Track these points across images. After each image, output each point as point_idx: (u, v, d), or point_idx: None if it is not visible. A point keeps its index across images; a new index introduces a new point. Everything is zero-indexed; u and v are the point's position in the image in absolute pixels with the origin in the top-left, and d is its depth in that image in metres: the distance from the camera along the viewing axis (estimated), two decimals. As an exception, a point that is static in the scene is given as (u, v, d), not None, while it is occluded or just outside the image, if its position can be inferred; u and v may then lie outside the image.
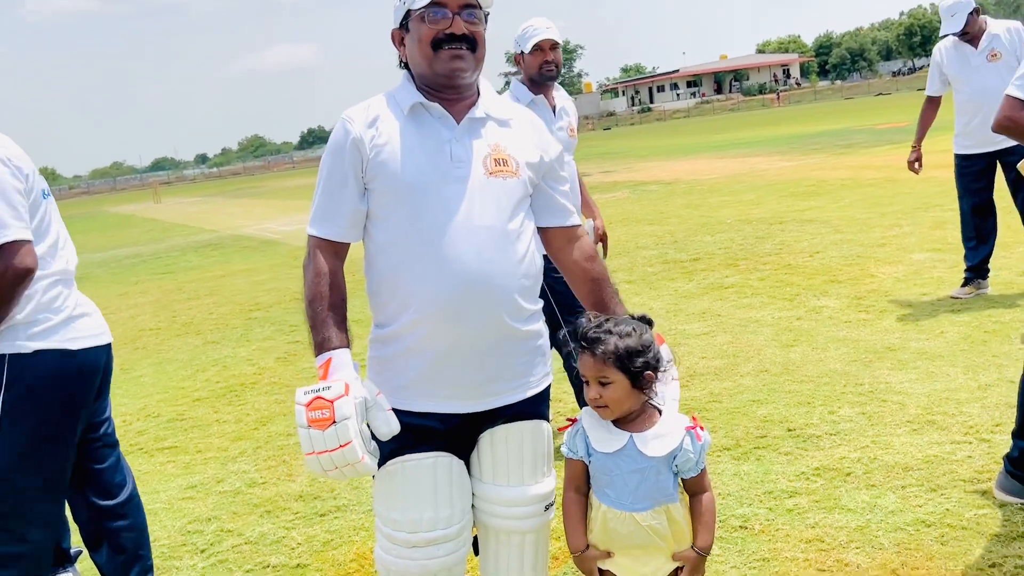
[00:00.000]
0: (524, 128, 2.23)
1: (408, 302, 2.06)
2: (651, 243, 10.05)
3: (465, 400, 2.11)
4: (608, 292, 2.29)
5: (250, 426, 5.15)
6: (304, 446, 1.88)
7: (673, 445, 2.02)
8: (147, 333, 8.61)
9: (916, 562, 2.81)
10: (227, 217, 25.40)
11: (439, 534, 2.07)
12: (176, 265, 14.52)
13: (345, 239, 2.12)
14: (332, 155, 2.11)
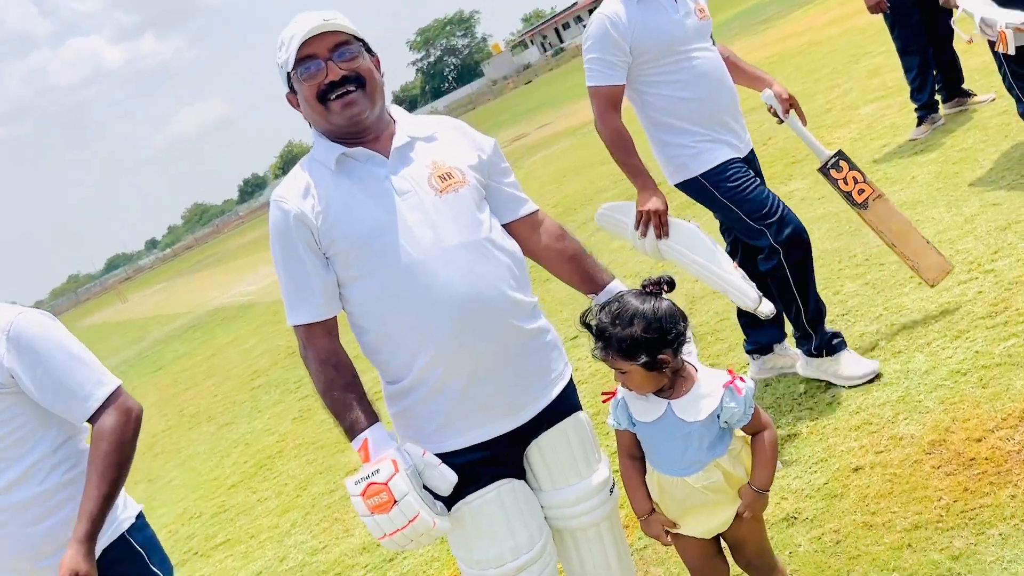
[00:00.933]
0: (451, 136, 2.20)
1: (415, 350, 2.02)
2: (608, 183, 10.02)
3: (503, 419, 2.08)
4: (588, 264, 2.27)
5: (292, 495, 5.14)
6: (374, 532, 1.88)
7: (713, 406, 2.01)
8: (161, 436, 8.55)
9: (965, 414, 2.83)
10: (196, 294, 25.17)
11: (525, 559, 2.06)
12: (164, 358, 14.40)
13: (328, 315, 2.06)
14: (279, 240, 2.05)
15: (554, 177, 12.51)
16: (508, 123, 27.99)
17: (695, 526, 2.12)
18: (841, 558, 2.48)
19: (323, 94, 2.02)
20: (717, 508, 2.08)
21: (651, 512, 2.13)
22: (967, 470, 2.59)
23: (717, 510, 2.09)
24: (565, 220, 9.09)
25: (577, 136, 15.89)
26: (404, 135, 2.10)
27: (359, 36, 2.08)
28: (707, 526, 2.12)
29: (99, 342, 26.00)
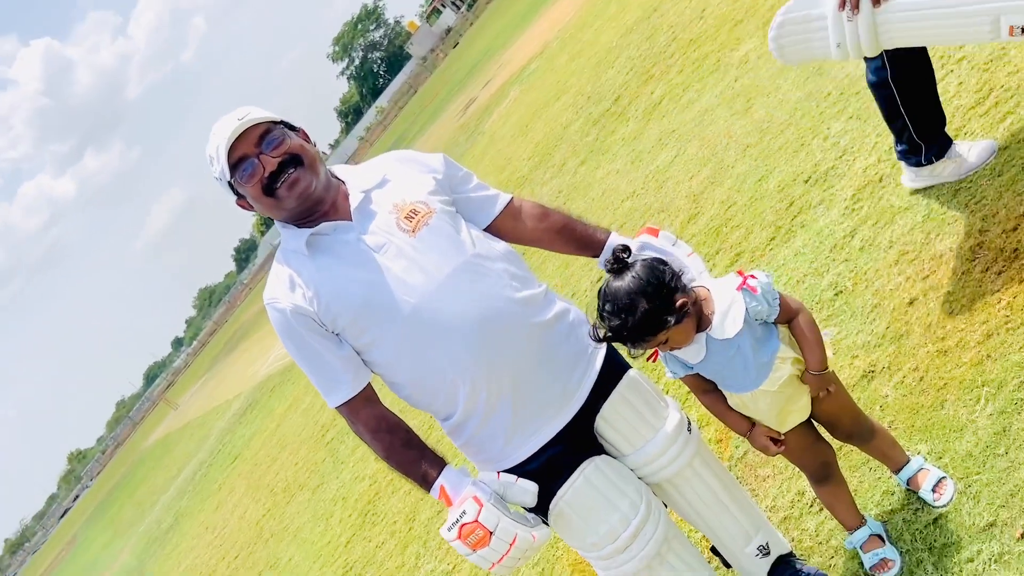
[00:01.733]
0: (400, 171, 2.21)
1: (451, 386, 2.06)
2: (571, 115, 9.94)
3: (560, 411, 2.12)
4: (580, 230, 2.29)
5: (404, 530, 5.23)
6: (483, 565, 1.95)
7: (741, 312, 2.02)
8: (264, 521, 8.72)
9: (991, 209, 2.82)
10: (239, 374, 25.43)
11: (635, 524, 2.09)
12: (235, 446, 14.61)
13: (361, 386, 2.10)
14: (287, 338, 2.08)
15: (517, 130, 12.42)
16: (453, 93, 27.75)
17: (788, 421, 2.15)
18: (929, 393, 2.50)
19: (268, 187, 2.04)
20: (799, 399, 2.11)
21: (752, 427, 2.16)
22: (1015, 262, 2.58)
23: (800, 401, 2.12)
24: (544, 167, 9.06)
25: (522, 81, 15.73)
26: (357, 192, 2.11)
27: (277, 119, 2.09)
28: (798, 418, 2.15)
29: (168, 455, 26.42)
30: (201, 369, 51.95)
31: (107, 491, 43.24)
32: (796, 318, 2.08)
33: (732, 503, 2.30)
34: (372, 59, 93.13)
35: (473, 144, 14.86)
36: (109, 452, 72.93)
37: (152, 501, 20.43)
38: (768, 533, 2.35)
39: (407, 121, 37.85)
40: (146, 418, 67.52)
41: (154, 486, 22.37)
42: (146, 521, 18.14)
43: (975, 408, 2.33)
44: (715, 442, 3.17)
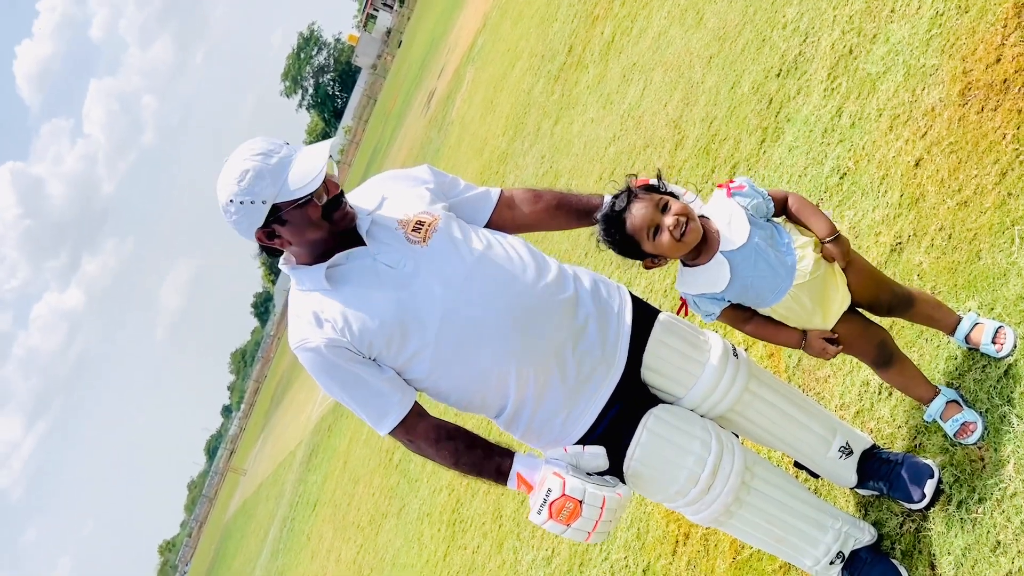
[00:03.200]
0: (394, 189, 2.22)
1: (501, 381, 2.06)
2: (532, 79, 9.85)
3: (606, 376, 2.11)
4: (575, 201, 2.29)
5: (494, 528, 5.26)
6: (579, 538, 1.96)
7: (742, 215, 2.02)
8: (360, 557, 8.81)
9: (969, 46, 2.75)
10: (293, 424, 25.65)
11: (712, 461, 2.07)
12: (312, 494, 14.76)
13: (411, 403, 2.10)
14: (327, 375, 2.07)
15: (484, 108, 12.34)
16: (412, 90, 27.62)
17: (834, 314, 2.11)
18: (962, 249, 2.45)
19: (327, 212, 2.04)
20: (835, 284, 2.08)
21: (804, 335, 2.13)
22: (1008, 93, 2.52)
23: (837, 286, 2.08)
24: (520, 137, 8.99)
25: (474, 59, 15.61)
26: (364, 217, 2.11)
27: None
28: (841, 307, 2.11)
29: (251, 520, 26.76)
30: (256, 429, 52.48)
31: (205, 571, 43.89)
32: (787, 201, 2.09)
33: (800, 414, 2.27)
34: (324, 83, 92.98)
35: (446, 136, 14.79)
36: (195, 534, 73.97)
37: (250, 569, 20.71)
38: (845, 432, 2.32)
39: (376, 132, 37.76)
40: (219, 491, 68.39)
41: (248, 554, 22.67)
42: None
43: (1011, 250, 2.28)
44: (767, 358, 3.14)
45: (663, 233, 2.00)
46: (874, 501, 2.37)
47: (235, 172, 1.99)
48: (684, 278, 2.12)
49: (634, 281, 4.62)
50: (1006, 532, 1.98)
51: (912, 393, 2.25)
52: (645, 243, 2.02)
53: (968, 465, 2.15)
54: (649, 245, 2.02)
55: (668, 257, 2.06)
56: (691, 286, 2.10)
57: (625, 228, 2.03)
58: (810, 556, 2.20)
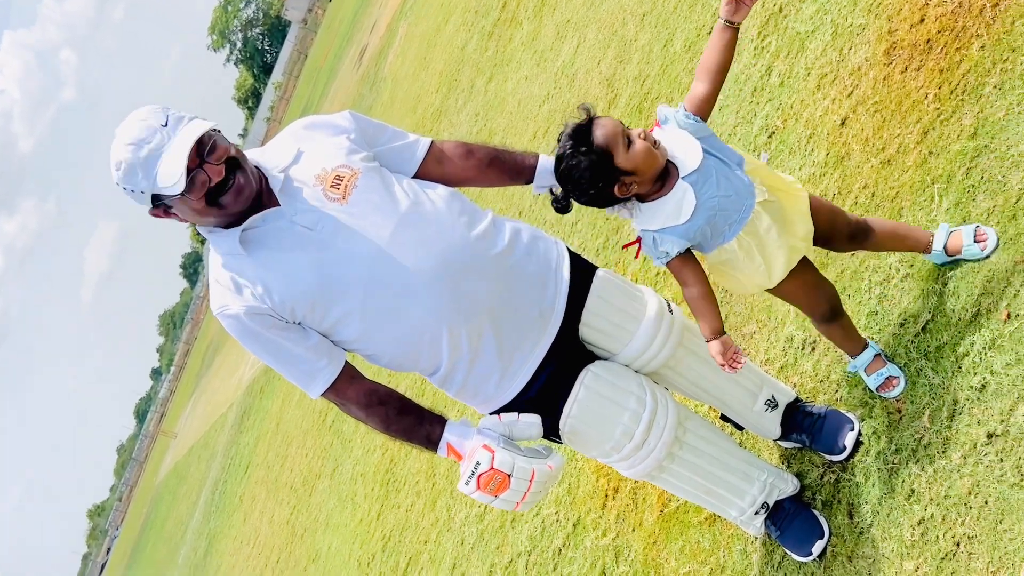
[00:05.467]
0: (312, 139, 2.11)
1: (433, 340, 2.02)
2: (465, 35, 9.70)
3: (543, 332, 2.09)
4: (508, 159, 2.24)
5: (428, 487, 5.27)
6: (507, 507, 1.96)
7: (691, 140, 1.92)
8: (293, 519, 8.76)
9: (895, 6, 2.78)
10: (224, 386, 25.27)
11: (646, 416, 2.08)
12: (244, 456, 14.60)
13: (340, 367, 2.05)
14: (250, 342, 2.01)
15: (417, 65, 12.13)
16: (344, 46, 27.00)
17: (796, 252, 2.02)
18: (884, 206, 2.50)
19: (213, 198, 1.91)
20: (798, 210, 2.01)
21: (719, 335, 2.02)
22: (931, 53, 2.56)
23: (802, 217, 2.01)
24: (454, 95, 8.87)
25: (407, 14, 15.31)
26: (276, 176, 2.01)
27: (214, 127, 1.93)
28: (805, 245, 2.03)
29: (183, 483, 26.40)
30: (187, 392, 51.57)
31: (136, 535, 43.28)
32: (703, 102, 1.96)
33: (729, 368, 2.30)
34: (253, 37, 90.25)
35: (379, 92, 14.52)
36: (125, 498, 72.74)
37: (181, 532, 20.48)
38: (771, 386, 2.36)
39: (308, 88, 36.90)
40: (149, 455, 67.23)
41: (179, 517, 22.39)
42: (182, 552, 18.20)
43: (931, 207, 2.33)
44: (696, 314, 3.18)
45: (636, 142, 1.86)
46: (797, 453, 2.43)
47: (114, 159, 1.88)
48: (643, 214, 1.98)
49: (567, 241, 4.62)
50: (920, 481, 2.05)
51: (845, 346, 2.26)
52: (619, 154, 1.85)
53: (886, 418, 2.21)
54: (623, 157, 1.85)
55: (642, 175, 1.88)
56: (651, 221, 1.96)
57: (596, 140, 1.86)
58: (736, 507, 2.25)
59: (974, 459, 1.95)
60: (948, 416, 2.04)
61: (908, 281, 2.31)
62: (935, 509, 1.99)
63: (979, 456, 1.94)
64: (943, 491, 1.99)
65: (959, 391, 2.04)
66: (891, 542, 2.06)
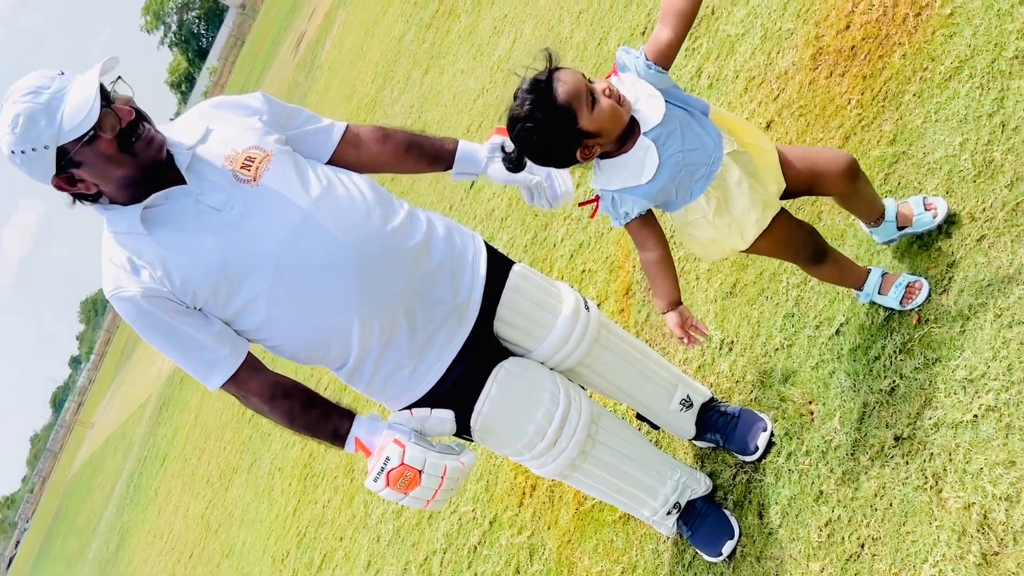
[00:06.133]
0: (222, 119, 2.01)
1: (343, 332, 1.94)
2: (403, 26, 9.58)
3: (458, 327, 2.03)
4: (427, 144, 2.19)
5: (347, 483, 5.17)
6: (416, 505, 1.90)
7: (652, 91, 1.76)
8: (208, 513, 8.53)
9: (822, 12, 2.80)
10: (144, 376, 24.57)
11: (559, 414, 2.04)
12: (161, 448, 14.19)
13: (242, 357, 1.95)
14: (144, 326, 1.89)
15: (354, 54, 11.95)
16: (282, 33, 26.51)
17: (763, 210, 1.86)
18: (805, 210, 2.50)
19: (124, 142, 1.78)
20: (763, 173, 1.85)
21: (675, 306, 1.90)
22: (855, 60, 2.58)
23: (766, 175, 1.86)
24: (389, 85, 8.75)
25: (345, 4, 15.09)
26: (183, 153, 1.90)
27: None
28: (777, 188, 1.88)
29: (97, 475, 25.57)
30: (106, 381, 50.02)
31: (46, 528, 41.79)
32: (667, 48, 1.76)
33: (645, 367, 2.28)
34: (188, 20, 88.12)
35: (314, 80, 14.27)
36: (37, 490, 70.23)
37: (94, 525, 19.81)
38: (687, 386, 2.35)
39: (243, 74, 36.17)
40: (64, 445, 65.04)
41: (92, 510, 21.64)
42: (93, 546, 17.61)
43: (850, 216, 2.35)
44: (617, 313, 3.16)
45: (601, 100, 1.69)
46: (710, 453, 2.42)
47: (7, 119, 1.73)
48: (604, 173, 1.82)
49: (496, 237, 4.57)
50: (828, 483, 2.05)
51: (847, 282, 2.11)
52: (583, 115, 1.69)
53: (798, 419, 2.21)
54: (587, 118, 1.69)
55: (607, 137, 1.74)
56: (612, 180, 1.81)
57: (557, 98, 1.67)
58: (648, 507, 2.23)
59: (881, 462, 1.96)
60: (858, 419, 2.05)
61: (825, 284, 2.32)
62: (842, 511, 1.99)
63: (886, 459, 1.95)
64: (850, 493, 2.00)
65: (869, 394, 2.05)
66: (799, 543, 2.06)
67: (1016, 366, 1.77)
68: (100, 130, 1.75)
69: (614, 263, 3.35)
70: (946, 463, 1.82)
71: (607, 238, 3.50)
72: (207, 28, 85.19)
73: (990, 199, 1.99)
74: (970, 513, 1.74)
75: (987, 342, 1.85)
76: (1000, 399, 1.78)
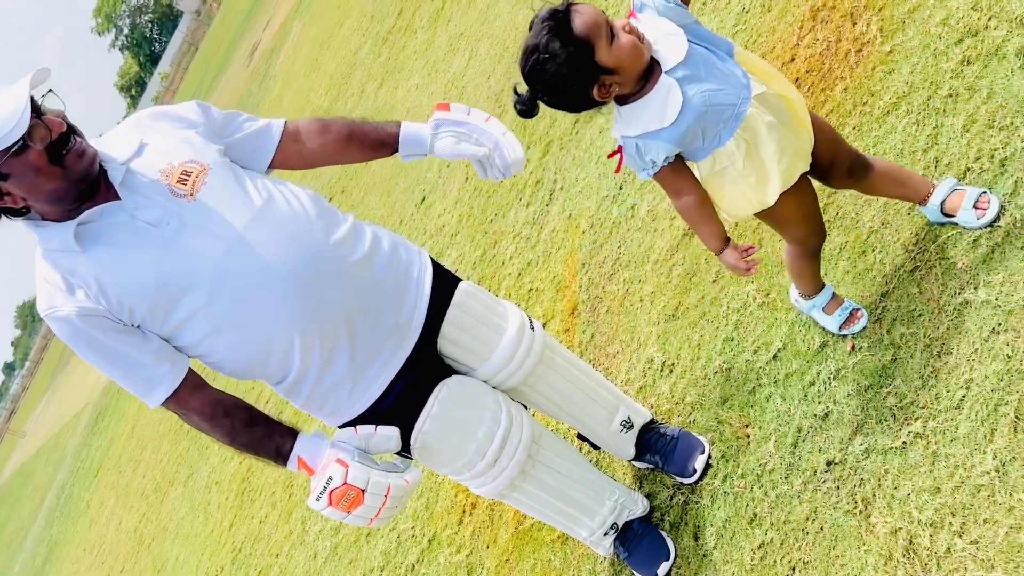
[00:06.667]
0: (157, 130, 1.95)
1: (284, 348, 1.91)
2: (359, 39, 9.56)
3: (401, 343, 2.01)
4: (370, 131, 2.13)
5: (285, 499, 5.09)
6: (361, 523, 1.87)
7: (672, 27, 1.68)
8: (142, 527, 8.32)
9: (768, 44, 2.87)
10: (80, 384, 23.92)
11: (501, 434, 2.04)
12: (95, 459, 13.81)
13: (183, 374, 1.90)
14: (82, 346, 1.84)
15: (309, 65, 11.88)
16: (236, 41, 26.26)
17: (793, 159, 1.78)
18: (746, 237, 2.55)
19: (55, 154, 1.73)
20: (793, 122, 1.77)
21: (727, 244, 1.83)
22: (800, 90, 2.64)
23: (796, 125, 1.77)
24: (343, 98, 8.72)
25: (302, 14, 15.02)
26: (117, 168, 1.85)
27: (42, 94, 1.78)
28: (801, 142, 1.79)
29: (28, 485, 24.77)
30: (41, 389, 48.55)
31: (-29, 540, 40.32)
32: None
33: (587, 388, 2.30)
34: (141, 24, 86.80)
35: (268, 90, 14.14)
36: (-37, 500, 67.40)
37: (21, 538, 19.17)
38: (628, 407, 2.37)
39: (195, 80, 35.70)
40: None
41: (20, 522, 20.92)
42: (19, 560, 17.02)
43: (788, 241, 2.40)
44: (562, 332, 3.18)
45: (620, 35, 1.62)
46: (649, 474, 2.44)
47: None
48: (624, 120, 1.74)
49: (445, 252, 4.57)
50: (762, 506, 2.08)
51: (803, 283, 2.11)
52: (601, 48, 1.61)
53: (735, 442, 2.24)
54: (606, 52, 1.62)
55: (626, 74, 1.66)
56: (634, 125, 1.72)
57: (575, 29, 1.60)
58: (586, 527, 2.23)
59: (813, 486, 1.99)
60: (792, 443, 2.09)
61: (764, 309, 2.36)
62: (775, 534, 2.02)
63: (818, 483, 1.98)
64: (783, 516, 2.03)
65: (804, 418, 2.09)
66: (732, 565, 2.08)
67: (943, 395, 1.82)
68: (29, 141, 1.70)
69: (561, 282, 3.37)
70: (875, 488, 1.86)
71: (555, 257, 3.52)
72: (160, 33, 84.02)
73: (924, 232, 2.05)
74: (897, 538, 1.77)
75: (917, 371, 1.90)
76: (928, 427, 1.82)
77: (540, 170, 3.99)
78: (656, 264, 2.86)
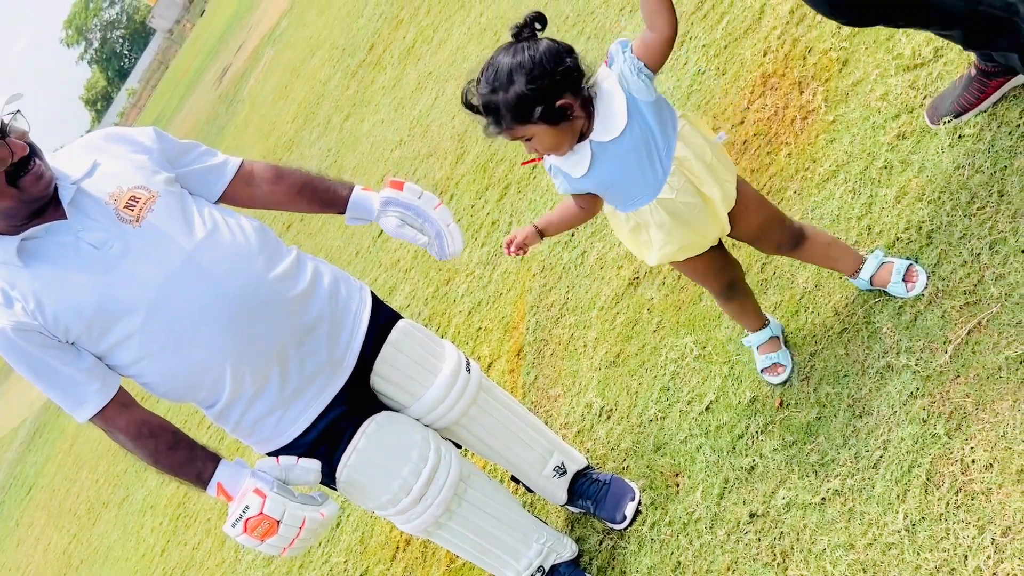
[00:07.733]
0: (111, 153, 1.98)
1: (215, 375, 1.93)
2: (329, 70, 9.62)
3: (332, 378, 2.04)
4: (321, 188, 2.20)
5: (220, 525, 5.00)
6: (274, 552, 1.88)
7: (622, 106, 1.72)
8: (71, 548, 8.10)
9: (720, 106, 2.97)
10: (18, 400, 23.27)
11: (427, 471, 2.06)
12: (28, 477, 13.42)
13: (112, 393, 1.91)
14: (15, 359, 1.84)
15: (277, 92, 11.92)
16: (207, 63, 26.21)
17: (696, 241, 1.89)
18: (687, 290, 2.62)
19: (13, 176, 1.76)
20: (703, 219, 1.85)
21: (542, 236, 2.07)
22: (746, 153, 2.74)
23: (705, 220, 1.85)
24: (309, 127, 8.76)
25: (275, 41, 15.07)
26: (68, 187, 1.88)
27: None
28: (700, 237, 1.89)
29: (-43, 500, 23.92)
30: (-22, 402, 47.03)
31: None
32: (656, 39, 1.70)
33: (523, 432, 2.33)
34: (112, 39, 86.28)
35: (235, 114, 14.13)
36: None
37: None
38: (563, 452, 2.40)
39: (163, 99, 35.48)
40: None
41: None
42: (-60, 578, 16.39)
43: (728, 295, 2.47)
44: (507, 373, 3.21)
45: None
46: (580, 517, 2.47)
47: None
48: None
49: (398, 287, 4.59)
50: (686, 554, 2.12)
51: (744, 322, 2.19)
52: None
53: (665, 489, 2.29)
54: None
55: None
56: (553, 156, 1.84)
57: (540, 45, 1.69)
58: (512, 569, 2.25)
59: (736, 536, 2.04)
60: (719, 493, 2.14)
61: (700, 361, 2.42)
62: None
63: (740, 534, 2.03)
64: (706, 565, 2.07)
65: (731, 470, 2.14)
66: (654, 612, 2.11)
67: (862, 454, 1.89)
68: None
69: (509, 323, 3.41)
70: (794, 542, 1.91)
71: (505, 299, 3.56)
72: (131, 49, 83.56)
73: (853, 296, 2.13)
74: (811, 591, 1.82)
75: (839, 429, 1.96)
76: (846, 484, 1.88)
77: (496, 212, 4.05)
78: (601, 311, 2.92)
